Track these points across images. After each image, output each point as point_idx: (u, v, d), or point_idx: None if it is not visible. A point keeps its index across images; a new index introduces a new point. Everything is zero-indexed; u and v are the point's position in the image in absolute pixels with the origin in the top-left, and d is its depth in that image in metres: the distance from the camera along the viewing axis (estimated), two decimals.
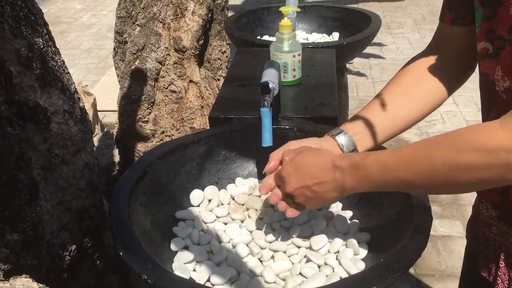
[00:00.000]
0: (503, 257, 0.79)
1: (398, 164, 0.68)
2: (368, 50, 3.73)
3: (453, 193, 0.69)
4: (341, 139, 0.86)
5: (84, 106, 0.99)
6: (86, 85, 2.83)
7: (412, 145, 0.68)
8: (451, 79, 0.86)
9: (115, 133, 1.99)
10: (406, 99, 0.86)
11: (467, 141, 0.61)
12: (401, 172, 0.67)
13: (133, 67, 1.79)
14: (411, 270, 1.95)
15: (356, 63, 3.70)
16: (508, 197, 0.75)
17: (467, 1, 0.79)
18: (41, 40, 0.86)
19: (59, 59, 0.92)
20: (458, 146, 0.62)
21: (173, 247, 0.89)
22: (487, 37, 0.72)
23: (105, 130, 2.76)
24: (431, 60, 0.86)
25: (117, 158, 2.13)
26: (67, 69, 0.95)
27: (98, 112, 2.82)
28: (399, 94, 0.87)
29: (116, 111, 1.90)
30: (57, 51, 0.92)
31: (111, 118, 2.92)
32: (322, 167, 0.76)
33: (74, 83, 0.97)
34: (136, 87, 1.79)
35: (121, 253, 0.74)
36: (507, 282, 0.78)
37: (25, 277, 0.79)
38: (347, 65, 3.35)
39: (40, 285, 0.77)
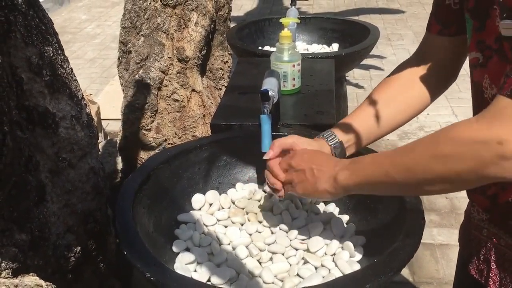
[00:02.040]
0: (494, 259, 0.81)
1: (389, 159, 0.73)
2: (369, 61, 3.78)
3: (431, 190, 0.71)
4: (336, 146, 0.92)
5: (90, 112, 1.03)
6: (90, 94, 2.87)
7: (404, 145, 0.74)
8: (435, 86, 0.91)
9: (118, 141, 2.02)
10: (392, 105, 0.91)
11: (445, 134, 0.65)
12: (388, 165, 0.72)
13: (136, 76, 1.82)
14: (409, 278, 1.97)
15: (357, 74, 3.74)
16: (498, 200, 0.78)
17: (453, 13, 0.83)
18: (51, 49, 0.89)
19: (68, 67, 0.95)
20: (437, 139, 0.66)
21: (175, 248, 0.92)
22: (477, 47, 0.75)
23: (109, 138, 2.80)
24: (417, 68, 0.91)
25: (120, 165, 2.16)
26: (75, 76, 0.99)
27: (102, 121, 2.85)
28: (386, 101, 0.91)
29: (119, 119, 1.93)
30: (66, 59, 0.95)
31: (114, 126, 2.96)
32: (329, 159, 0.84)
33: (81, 90, 1.01)
34: (139, 96, 1.83)
35: (125, 252, 0.77)
36: (498, 283, 0.81)
37: (33, 275, 0.82)
38: (347, 76, 3.39)
39: (48, 283, 0.80)
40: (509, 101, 0.59)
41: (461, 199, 2.40)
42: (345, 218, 0.99)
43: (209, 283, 0.84)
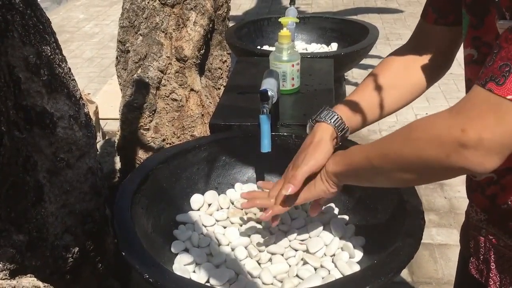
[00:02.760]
0: (493, 259, 0.81)
1: (371, 145, 0.75)
2: (368, 61, 3.77)
3: (403, 178, 0.72)
4: (338, 123, 0.89)
5: (88, 112, 1.02)
6: (89, 93, 2.87)
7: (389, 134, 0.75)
8: (430, 74, 0.90)
9: (116, 140, 2.01)
10: (392, 91, 0.91)
11: (419, 122, 0.66)
12: (369, 150, 0.75)
13: (135, 75, 1.82)
14: (408, 278, 1.97)
15: (356, 74, 3.74)
16: (496, 200, 0.78)
17: (450, 3, 0.82)
18: (48, 48, 0.89)
19: (66, 66, 0.95)
20: (411, 125, 0.68)
21: (173, 249, 0.91)
22: (472, 44, 0.75)
23: (107, 137, 2.79)
24: (413, 55, 0.90)
25: (118, 165, 2.15)
26: (73, 76, 0.98)
27: (100, 120, 2.85)
28: (387, 84, 0.90)
29: (117, 119, 1.93)
30: (63, 58, 0.95)
31: (112, 126, 2.95)
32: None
33: (79, 89, 1.00)
34: (138, 95, 1.82)
35: (124, 253, 0.77)
36: (498, 283, 0.81)
37: (30, 277, 0.82)
38: (346, 76, 3.39)
39: (46, 284, 0.79)
40: (481, 90, 0.59)
41: (460, 199, 2.40)
42: (344, 218, 0.98)
43: (208, 284, 0.84)
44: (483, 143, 0.58)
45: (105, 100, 3.18)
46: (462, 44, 0.78)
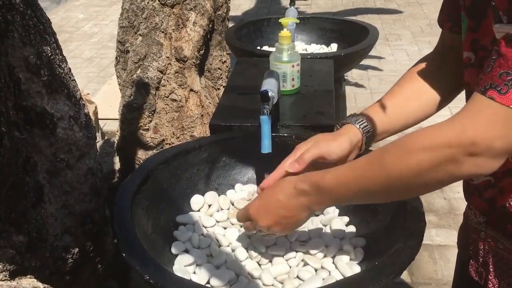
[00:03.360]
0: (492, 262, 0.81)
1: (355, 176, 0.71)
2: (367, 61, 3.78)
3: (410, 196, 0.75)
4: (367, 131, 0.88)
5: (88, 112, 1.02)
6: (88, 93, 2.86)
7: (368, 155, 0.72)
8: (453, 85, 0.89)
9: (116, 141, 2.01)
10: (415, 103, 0.89)
11: (416, 143, 0.64)
12: (358, 183, 0.71)
13: (134, 76, 1.82)
14: (408, 279, 1.97)
15: (355, 74, 3.74)
16: (495, 203, 0.77)
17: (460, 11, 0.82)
18: (49, 48, 0.88)
19: (66, 67, 0.95)
20: (408, 148, 0.65)
21: (173, 250, 0.91)
22: (471, 47, 0.75)
23: (106, 138, 2.79)
24: (437, 65, 0.90)
25: (117, 165, 2.15)
26: (73, 76, 0.98)
27: (99, 120, 2.84)
28: (410, 97, 0.90)
29: (117, 119, 1.93)
30: (64, 59, 0.95)
31: (111, 126, 2.95)
32: (286, 197, 0.79)
33: (79, 90, 1.00)
34: (137, 96, 1.82)
35: (124, 254, 0.76)
36: (497, 285, 0.81)
37: (30, 278, 0.81)
38: (346, 76, 3.39)
39: (45, 285, 0.79)
40: (482, 99, 0.60)
41: (459, 200, 2.40)
42: (345, 219, 0.98)
43: (208, 285, 0.84)
44: (493, 151, 0.60)
45: (104, 100, 3.18)
46: (462, 47, 0.78)
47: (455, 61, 0.86)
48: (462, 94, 0.90)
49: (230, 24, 2.10)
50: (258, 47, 1.95)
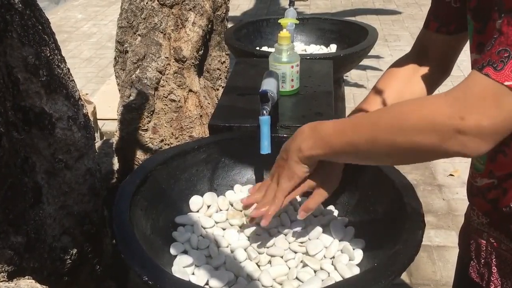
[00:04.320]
0: (495, 263, 0.81)
1: (352, 127, 0.72)
2: (366, 62, 3.78)
3: (392, 161, 0.74)
4: None
5: (87, 113, 1.02)
6: (86, 94, 2.86)
7: (369, 113, 0.73)
8: (431, 83, 0.91)
9: (114, 141, 2.01)
10: (400, 99, 0.89)
11: (411, 108, 0.64)
12: (351, 135, 0.71)
13: (133, 76, 1.81)
14: (407, 280, 1.97)
15: (354, 75, 3.74)
16: (498, 204, 0.77)
17: (453, 11, 0.82)
18: (47, 49, 0.88)
19: (65, 67, 0.94)
20: (403, 111, 0.65)
21: (172, 251, 0.91)
22: (477, 49, 0.75)
23: (105, 138, 2.78)
24: (417, 64, 0.90)
25: (116, 166, 2.15)
26: (72, 76, 0.98)
27: (98, 121, 2.84)
28: (394, 93, 0.90)
29: (115, 119, 1.92)
30: (62, 59, 0.94)
31: (110, 126, 2.95)
32: (296, 135, 0.82)
33: (78, 90, 1.00)
34: (136, 96, 1.82)
35: (123, 255, 0.76)
36: (499, 286, 0.81)
37: (28, 279, 0.81)
38: (345, 77, 3.39)
39: (44, 286, 0.79)
40: (478, 75, 0.59)
41: (458, 200, 2.40)
42: (344, 220, 0.98)
43: (207, 286, 0.83)
44: (481, 130, 0.58)
45: (103, 101, 3.18)
46: (469, 49, 0.78)
47: (434, 59, 0.88)
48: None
49: (229, 25, 2.10)
50: (257, 48, 1.95)
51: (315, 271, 0.86)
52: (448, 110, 0.59)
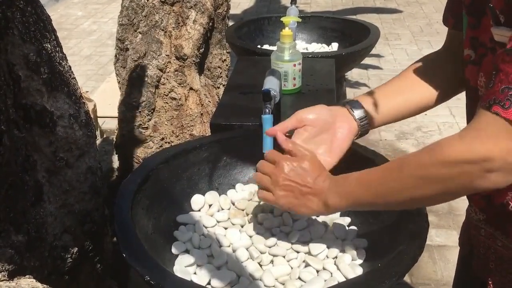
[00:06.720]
0: (492, 259, 0.82)
1: (376, 179, 0.74)
2: (367, 61, 3.77)
3: (421, 205, 0.81)
4: (362, 119, 0.90)
5: (88, 110, 1.01)
6: (87, 91, 2.85)
7: (389, 162, 0.75)
8: (456, 80, 0.89)
9: (114, 139, 2.00)
10: (419, 88, 0.91)
11: (432, 157, 0.66)
12: (376, 187, 0.73)
13: (134, 74, 1.81)
14: (407, 280, 1.97)
15: (355, 74, 3.73)
16: (493, 200, 0.78)
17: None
18: (49, 46, 0.88)
19: (66, 65, 0.94)
20: (424, 161, 0.67)
21: (174, 250, 0.90)
22: (471, 44, 0.75)
23: (105, 136, 2.78)
24: (442, 59, 0.91)
25: (116, 164, 2.14)
26: (73, 74, 0.97)
27: (98, 118, 2.83)
28: (414, 82, 0.91)
29: (115, 117, 1.92)
30: (64, 56, 0.94)
31: (110, 124, 2.94)
32: (317, 176, 0.81)
33: (79, 88, 0.99)
34: (136, 94, 1.81)
35: (124, 255, 0.76)
36: (497, 282, 0.82)
37: (29, 278, 0.81)
38: (346, 76, 3.39)
39: (44, 285, 0.78)
40: (488, 115, 0.61)
41: (459, 200, 2.37)
42: (346, 220, 0.98)
43: (209, 286, 0.83)
44: (509, 166, 0.61)
45: (103, 98, 3.17)
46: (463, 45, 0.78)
47: (455, 57, 0.87)
48: (461, 94, 0.91)
49: (230, 23, 2.09)
50: (259, 46, 1.94)
51: (317, 271, 0.86)
52: (471, 156, 0.62)
